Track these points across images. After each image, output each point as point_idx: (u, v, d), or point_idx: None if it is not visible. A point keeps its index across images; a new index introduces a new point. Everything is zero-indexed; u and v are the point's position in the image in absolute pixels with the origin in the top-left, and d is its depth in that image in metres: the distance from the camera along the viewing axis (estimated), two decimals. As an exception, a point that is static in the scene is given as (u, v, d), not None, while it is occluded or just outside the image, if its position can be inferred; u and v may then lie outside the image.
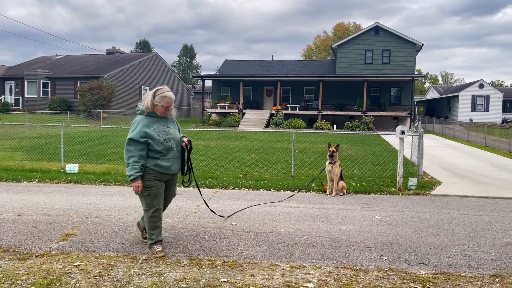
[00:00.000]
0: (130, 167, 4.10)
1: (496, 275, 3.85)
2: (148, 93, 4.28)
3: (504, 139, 21.08)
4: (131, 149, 4.10)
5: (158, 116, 4.27)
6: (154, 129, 4.16)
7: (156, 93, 4.24)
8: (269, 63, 40.65)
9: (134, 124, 4.22)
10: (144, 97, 4.28)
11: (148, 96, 4.23)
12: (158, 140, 4.15)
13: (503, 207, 7.15)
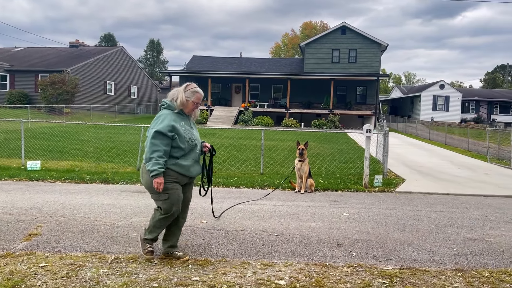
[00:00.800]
0: (153, 162, 3.76)
1: (459, 269, 4.02)
2: (177, 89, 4.08)
3: (463, 138, 22.00)
4: (156, 143, 3.78)
5: (184, 114, 4.06)
6: (181, 126, 3.93)
7: (187, 88, 4.07)
8: (238, 60, 40.57)
9: (159, 117, 3.92)
10: (171, 93, 4.08)
11: (179, 91, 4.03)
12: (184, 138, 3.90)
13: (463, 204, 7.46)
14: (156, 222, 3.98)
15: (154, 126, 3.86)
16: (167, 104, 4.03)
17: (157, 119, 3.91)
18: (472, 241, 5.04)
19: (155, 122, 3.90)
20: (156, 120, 3.92)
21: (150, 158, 3.79)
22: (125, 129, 19.74)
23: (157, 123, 3.87)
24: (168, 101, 4.05)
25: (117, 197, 7.12)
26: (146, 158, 3.84)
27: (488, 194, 8.51)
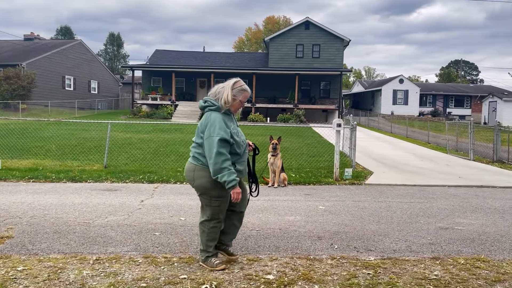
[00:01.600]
0: (227, 172, 3.46)
1: (436, 258, 4.19)
2: (223, 87, 3.73)
3: (423, 131, 22.86)
4: (223, 152, 3.47)
5: (230, 113, 3.76)
6: (232, 128, 3.65)
7: (235, 85, 3.72)
8: (202, 55, 40.18)
9: (213, 122, 3.55)
10: (216, 91, 3.73)
11: (225, 89, 3.68)
12: (239, 142, 3.66)
13: (430, 194, 7.78)
14: (208, 234, 3.76)
15: (213, 132, 3.51)
16: (216, 106, 3.67)
17: (212, 124, 3.55)
18: (444, 230, 5.27)
19: (212, 129, 3.53)
20: (213, 126, 3.54)
21: (221, 168, 3.46)
22: (88, 126, 19.10)
23: (215, 128, 3.52)
24: (214, 100, 3.69)
25: (88, 196, 6.90)
26: (215, 170, 3.48)
27: (452, 184, 8.91)
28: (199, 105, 3.80)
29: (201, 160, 3.64)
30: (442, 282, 3.57)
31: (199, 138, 3.67)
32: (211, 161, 3.49)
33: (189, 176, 3.75)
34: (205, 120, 3.65)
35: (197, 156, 3.66)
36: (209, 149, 3.51)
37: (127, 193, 7.22)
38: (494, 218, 5.94)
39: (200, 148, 3.65)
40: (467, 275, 3.73)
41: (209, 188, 3.63)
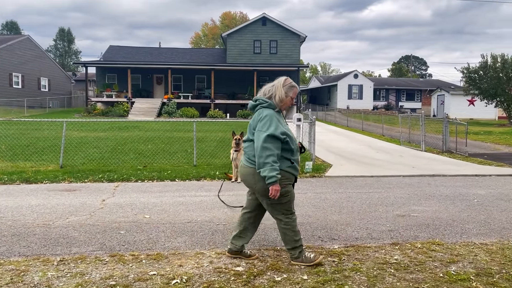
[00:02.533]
0: (269, 168, 3.43)
1: (395, 243, 4.42)
2: (273, 85, 3.76)
3: (378, 124, 23.70)
4: (269, 147, 3.45)
5: (280, 111, 3.75)
6: (284, 125, 3.66)
7: (284, 83, 3.75)
8: (158, 50, 39.47)
9: (265, 118, 3.54)
10: (266, 90, 3.77)
11: (277, 87, 3.72)
12: (292, 137, 3.67)
13: (387, 184, 8.12)
14: (289, 231, 3.73)
15: (263, 128, 3.52)
16: (268, 103, 3.67)
17: (264, 121, 3.55)
18: (401, 217, 5.54)
19: (262, 123, 3.54)
20: (264, 121, 3.54)
21: (264, 163, 3.45)
22: (39, 125, 18.30)
23: (267, 125, 3.52)
24: (266, 98, 3.71)
25: (45, 197, 6.66)
26: (259, 164, 3.49)
27: (406, 174, 9.33)
28: (250, 105, 3.83)
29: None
30: (401, 265, 3.78)
31: (251, 135, 3.67)
32: (257, 154, 3.50)
33: (249, 180, 3.71)
34: (257, 116, 3.66)
35: (253, 158, 3.62)
36: (256, 143, 3.53)
37: (87, 193, 7.03)
38: (446, 204, 6.31)
39: (252, 147, 3.64)
40: (424, 258, 3.97)
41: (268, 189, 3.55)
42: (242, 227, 3.94)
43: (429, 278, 3.48)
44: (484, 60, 30.44)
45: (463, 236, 4.73)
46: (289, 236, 3.74)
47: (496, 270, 3.68)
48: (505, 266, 3.76)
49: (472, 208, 6.05)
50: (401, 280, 3.44)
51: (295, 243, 3.75)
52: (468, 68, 31.32)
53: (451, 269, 3.68)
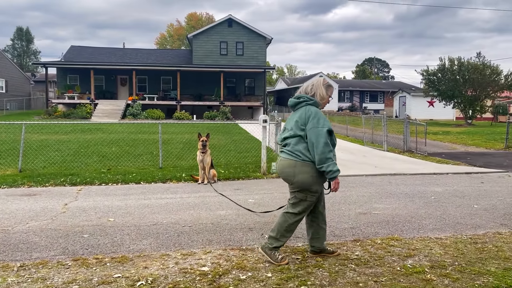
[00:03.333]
0: (331, 163, 3.59)
1: (356, 240, 4.58)
2: (313, 84, 3.91)
3: (342, 125, 24.20)
4: (328, 143, 3.59)
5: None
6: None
7: (323, 82, 3.92)
8: (122, 51, 38.73)
9: (316, 115, 3.67)
10: (308, 88, 3.91)
11: (318, 86, 3.87)
12: (333, 134, 3.77)
13: (350, 183, 8.35)
14: (289, 226, 3.82)
15: (317, 123, 3.62)
16: (314, 101, 3.82)
17: (317, 118, 3.66)
18: (363, 215, 5.74)
19: (316, 120, 3.64)
20: (316, 118, 3.65)
21: (327, 158, 3.57)
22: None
23: (321, 121, 3.64)
24: (310, 96, 3.84)
25: (3, 202, 6.44)
26: (321, 159, 3.57)
27: (369, 173, 9.63)
28: (292, 102, 3.91)
29: (301, 156, 3.67)
30: (362, 260, 3.93)
31: (300, 130, 3.71)
32: (318, 150, 3.56)
33: (288, 172, 3.74)
34: (304, 113, 3.72)
35: (297, 152, 3.69)
36: (315, 139, 3.58)
37: (48, 197, 6.85)
38: (405, 202, 6.57)
39: (300, 144, 3.69)
40: (383, 253, 4.14)
41: (310, 183, 3.68)
42: (313, 229, 4.05)
43: (387, 272, 3.64)
44: (442, 63, 31.76)
45: (420, 232, 4.95)
46: (283, 229, 3.84)
47: (449, 262, 3.89)
48: (458, 259, 3.98)
49: (429, 205, 6.34)
50: (361, 275, 3.58)
51: (281, 237, 3.85)
52: (428, 71, 32.56)
53: (407, 263, 3.86)
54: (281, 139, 3.91)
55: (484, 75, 30.07)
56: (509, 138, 16.06)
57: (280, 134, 4.02)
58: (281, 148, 3.93)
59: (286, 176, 3.80)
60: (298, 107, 3.85)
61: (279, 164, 3.88)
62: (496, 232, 4.92)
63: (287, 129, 3.89)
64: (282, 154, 3.88)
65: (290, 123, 3.87)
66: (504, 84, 30.88)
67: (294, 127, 3.77)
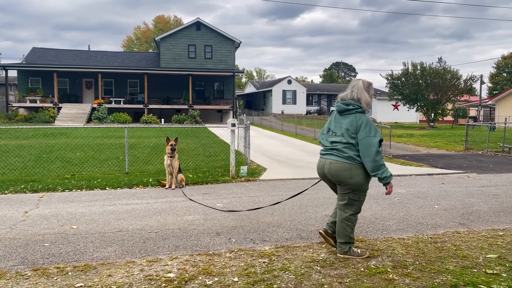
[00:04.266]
0: (385, 169, 3.90)
1: (322, 242, 4.64)
2: (359, 88, 4.08)
3: (310, 128, 24.52)
4: (380, 151, 3.90)
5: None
6: None
7: (364, 86, 4.09)
8: (87, 53, 37.80)
9: (368, 124, 3.94)
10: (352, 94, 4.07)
11: (361, 91, 4.07)
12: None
13: (318, 186, 8.36)
14: (352, 226, 4.11)
15: (369, 133, 3.88)
16: (362, 109, 4.04)
17: (368, 126, 3.92)
18: (329, 217, 5.81)
19: (368, 129, 3.90)
20: (368, 127, 3.92)
21: (381, 165, 3.87)
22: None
23: (373, 131, 3.92)
24: (358, 103, 4.03)
25: (-42, 211, 6.14)
26: (375, 166, 3.86)
27: (335, 176, 9.78)
28: (340, 107, 4.07)
29: (355, 159, 3.94)
30: (327, 262, 3.99)
31: (351, 138, 3.95)
32: (370, 159, 3.85)
33: (344, 174, 3.97)
34: (355, 121, 3.95)
35: (351, 156, 3.94)
36: (368, 148, 3.85)
37: (7, 204, 6.58)
38: (370, 203, 6.72)
39: (352, 150, 3.94)
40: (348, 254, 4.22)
41: (363, 184, 4.01)
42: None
43: (351, 273, 3.71)
44: (406, 67, 32.78)
45: (383, 232, 5.08)
46: (347, 231, 4.11)
47: (411, 262, 4.01)
48: (418, 258, 4.11)
49: (393, 206, 6.51)
50: (326, 277, 3.64)
51: (349, 239, 4.13)
52: (392, 75, 33.51)
53: (371, 264, 3.95)
54: (329, 142, 4.12)
55: (445, 79, 31.26)
56: (468, 140, 16.74)
57: (325, 135, 4.23)
58: (327, 150, 4.13)
59: (341, 179, 4.03)
60: (347, 114, 4.05)
61: (330, 166, 4.06)
62: (455, 232, 5.12)
63: (334, 132, 4.11)
64: (330, 157, 4.07)
65: (337, 127, 4.09)
66: (463, 88, 32.20)
67: (345, 134, 3.99)
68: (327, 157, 4.09)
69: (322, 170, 4.18)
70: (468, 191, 7.79)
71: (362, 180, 3.99)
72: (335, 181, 4.10)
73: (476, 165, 11.87)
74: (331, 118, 4.26)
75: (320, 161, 4.21)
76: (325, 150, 4.16)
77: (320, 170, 4.23)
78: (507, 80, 65.13)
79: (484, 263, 3.97)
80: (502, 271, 3.74)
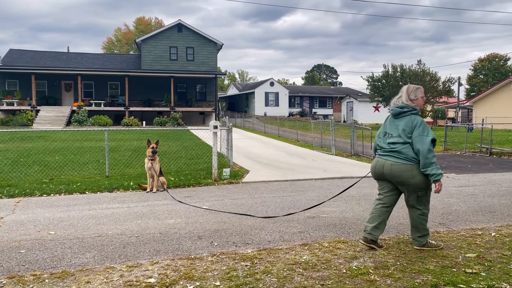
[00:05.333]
0: (436, 167, 4.10)
1: (305, 244, 4.64)
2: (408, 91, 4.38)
3: (293, 130, 24.63)
4: (432, 149, 4.13)
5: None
6: None
7: (414, 88, 4.41)
8: (66, 55, 37.13)
9: (421, 124, 4.21)
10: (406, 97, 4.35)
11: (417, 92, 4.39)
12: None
13: (299, 188, 8.49)
14: (424, 221, 4.38)
15: (422, 132, 4.15)
16: (416, 110, 4.33)
17: (422, 126, 4.18)
18: (311, 218, 5.84)
19: (421, 129, 4.16)
20: (421, 127, 4.18)
21: (431, 163, 4.09)
22: None
23: (426, 130, 4.17)
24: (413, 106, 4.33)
25: None
26: (426, 163, 4.09)
27: (318, 177, 9.84)
28: (395, 111, 4.36)
29: (415, 160, 4.18)
30: (309, 264, 3.99)
31: (407, 138, 4.21)
32: (422, 155, 4.10)
33: (407, 175, 4.21)
34: (410, 122, 4.24)
35: (411, 157, 4.19)
36: (421, 145, 4.11)
37: (-18, 210, 6.39)
38: (352, 205, 6.77)
39: (410, 150, 4.20)
40: (330, 256, 4.23)
41: (426, 181, 4.22)
42: (381, 220, 4.44)
43: (333, 275, 3.72)
44: (386, 69, 33.25)
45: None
46: (424, 224, 4.40)
47: (392, 262, 4.04)
48: (400, 259, 4.14)
49: (374, 207, 6.55)
50: (308, 279, 3.63)
51: (425, 231, 4.42)
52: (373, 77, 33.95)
53: (353, 265, 3.96)
54: (387, 143, 4.36)
55: (424, 81, 31.82)
56: (447, 141, 17.05)
57: (381, 138, 4.49)
58: (386, 152, 4.36)
59: (403, 179, 4.24)
60: (402, 116, 4.34)
61: (391, 168, 4.28)
62: (435, 231, 5.18)
63: (391, 134, 4.38)
64: (391, 159, 4.30)
65: (393, 129, 4.37)
66: (442, 90, 32.85)
67: (402, 134, 4.26)
68: (387, 158, 4.34)
69: (380, 170, 4.39)
70: (448, 191, 7.91)
71: (424, 178, 4.21)
72: (397, 182, 4.32)
73: (454, 165, 12.08)
74: (386, 122, 4.55)
75: (379, 161, 4.43)
76: (383, 152, 4.41)
77: (377, 169, 4.43)
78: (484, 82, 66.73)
79: (463, 263, 4.02)
80: (481, 270, 3.80)
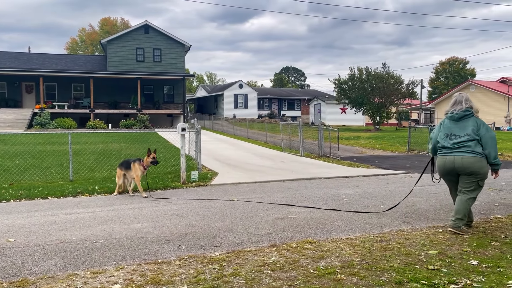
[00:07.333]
0: (499, 159, 5.07)
1: (273, 245, 4.66)
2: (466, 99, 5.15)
3: (262, 132, 24.70)
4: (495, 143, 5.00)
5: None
6: None
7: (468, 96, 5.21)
8: (27, 56, 35.83)
9: (484, 123, 5.06)
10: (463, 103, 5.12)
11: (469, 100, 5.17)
12: None
13: (269, 189, 8.52)
14: (470, 205, 5.06)
15: (488, 130, 5.01)
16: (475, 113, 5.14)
17: (485, 125, 5.05)
18: (280, 220, 5.87)
19: (485, 127, 5.02)
20: (485, 126, 5.04)
21: (496, 155, 5.01)
22: None
23: (488, 128, 5.03)
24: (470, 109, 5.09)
25: None
26: (495, 154, 4.99)
27: (286, 179, 9.91)
28: (460, 114, 5.09)
29: (482, 154, 4.97)
30: (278, 265, 4.00)
31: (475, 135, 4.98)
32: (493, 148, 4.98)
33: (478, 166, 4.95)
34: (476, 122, 5.05)
35: (480, 152, 4.96)
36: (491, 140, 4.98)
37: None
38: (319, 205, 6.86)
39: (478, 146, 4.98)
40: (298, 256, 4.26)
41: (487, 171, 5.05)
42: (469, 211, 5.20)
43: (301, 275, 3.75)
44: (352, 72, 33.90)
45: (332, 233, 5.18)
46: (467, 209, 5.05)
47: (358, 261, 4.11)
48: (365, 257, 4.23)
49: (341, 207, 6.67)
50: (276, 280, 3.65)
51: (464, 216, 5.03)
52: (339, 80, 34.54)
53: (320, 265, 4.01)
54: (453, 143, 5.08)
55: (389, 84, 32.65)
56: (411, 142, 17.57)
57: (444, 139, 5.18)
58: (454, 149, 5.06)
59: (473, 170, 4.95)
60: (465, 118, 5.10)
61: (462, 161, 4.98)
62: (399, 230, 5.32)
63: (455, 135, 5.09)
64: (461, 154, 5.01)
65: (458, 130, 5.09)
66: (405, 92, 33.80)
67: (470, 133, 5.01)
68: (457, 154, 5.03)
69: (451, 165, 5.07)
70: (408, 191, 8.14)
71: (487, 169, 5.03)
72: (467, 172, 4.99)
73: (418, 165, 12.46)
74: (445, 125, 5.23)
75: (448, 158, 5.10)
76: (450, 150, 5.10)
77: (447, 165, 5.10)
78: (445, 84, 69.32)
79: (426, 259, 4.15)
80: (442, 267, 3.93)
